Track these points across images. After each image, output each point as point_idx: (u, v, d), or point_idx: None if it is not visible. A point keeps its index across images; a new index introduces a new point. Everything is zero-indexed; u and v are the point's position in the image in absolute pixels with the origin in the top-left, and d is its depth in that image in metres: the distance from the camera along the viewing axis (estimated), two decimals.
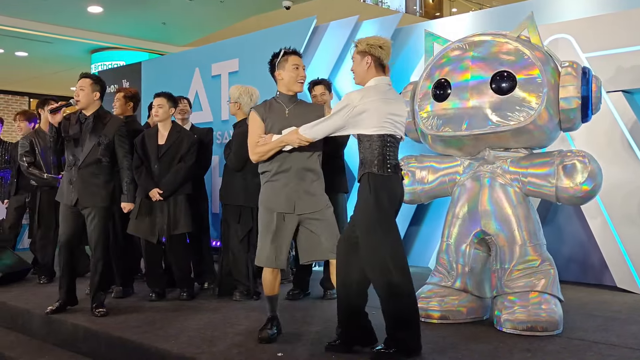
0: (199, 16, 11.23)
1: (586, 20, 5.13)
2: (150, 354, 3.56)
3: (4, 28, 11.08)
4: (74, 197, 4.35)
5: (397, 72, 6.47)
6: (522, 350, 3.28)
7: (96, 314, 4.30)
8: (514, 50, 3.84)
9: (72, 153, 4.39)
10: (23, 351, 4.24)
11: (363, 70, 3.28)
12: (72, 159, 4.38)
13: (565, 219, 5.34)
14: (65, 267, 4.43)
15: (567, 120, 3.87)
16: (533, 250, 3.77)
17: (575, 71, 3.84)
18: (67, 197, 4.40)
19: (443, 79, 3.97)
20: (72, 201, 4.36)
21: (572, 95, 3.79)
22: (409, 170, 4.22)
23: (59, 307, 4.41)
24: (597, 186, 3.75)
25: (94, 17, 10.94)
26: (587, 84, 3.83)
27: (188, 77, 7.97)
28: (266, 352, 3.34)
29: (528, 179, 3.83)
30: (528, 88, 3.75)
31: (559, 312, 3.64)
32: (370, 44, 3.25)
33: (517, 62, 3.80)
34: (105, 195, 4.41)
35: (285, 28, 7.27)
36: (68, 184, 4.39)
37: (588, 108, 3.86)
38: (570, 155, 3.79)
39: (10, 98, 16.73)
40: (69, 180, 4.39)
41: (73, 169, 4.38)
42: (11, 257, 6.04)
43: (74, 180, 4.36)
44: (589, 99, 3.84)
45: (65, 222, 4.43)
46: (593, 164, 3.73)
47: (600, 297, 4.72)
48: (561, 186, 3.74)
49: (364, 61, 3.26)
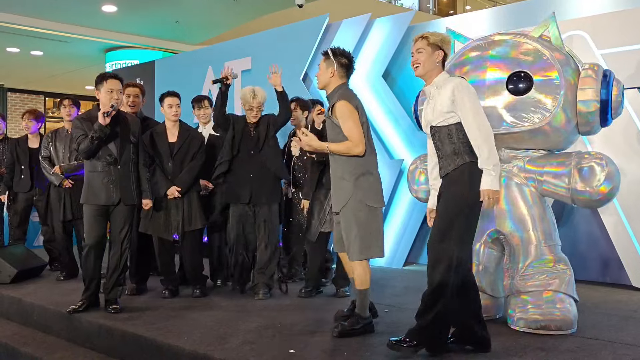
0: (212, 15, 11.27)
1: (601, 17, 5.08)
2: (164, 350, 3.58)
3: (20, 27, 11.18)
4: (115, 197, 4.32)
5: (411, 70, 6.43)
6: (536, 349, 3.25)
7: (110, 311, 4.31)
8: (533, 51, 3.80)
9: (108, 153, 4.32)
10: (37, 347, 4.28)
11: (433, 63, 3.24)
12: (109, 158, 4.32)
13: (581, 218, 5.29)
14: (95, 271, 4.41)
15: (586, 123, 3.82)
16: (548, 251, 3.72)
17: (595, 74, 3.78)
18: (106, 197, 4.32)
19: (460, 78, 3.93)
20: (113, 201, 4.32)
21: (590, 98, 3.74)
22: (424, 169, 4.19)
23: (82, 308, 4.37)
24: (614, 189, 3.67)
25: (108, 16, 11.01)
26: (608, 87, 3.76)
27: (201, 76, 8.01)
28: (278, 349, 3.34)
29: (544, 177, 3.78)
30: (545, 89, 3.71)
31: (574, 312, 3.61)
32: (442, 39, 3.25)
33: (535, 63, 3.76)
34: (137, 193, 4.47)
35: (298, 26, 7.28)
36: (107, 183, 4.32)
37: (608, 112, 3.79)
38: (588, 157, 3.72)
39: (26, 97, 16.88)
40: (107, 180, 4.32)
41: (111, 167, 4.33)
42: (25, 254, 6.10)
43: (113, 179, 4.32)
44: (608, 103, 3.76)
45: (95, 224, 4.35)
46: (611, 166, 3.66)
47: (615, 296, 4.67)
48: (577, 188, 3.67)
49: (435, 55, 3.24)
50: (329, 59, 3.71)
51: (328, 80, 3.72)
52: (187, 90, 5.14)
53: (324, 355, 3.23)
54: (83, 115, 4.50)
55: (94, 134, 4.21)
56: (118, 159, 4.34)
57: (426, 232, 6.33)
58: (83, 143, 4.28)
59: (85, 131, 4.30)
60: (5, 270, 5.66)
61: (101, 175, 4.32)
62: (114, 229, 4.40)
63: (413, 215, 6.27)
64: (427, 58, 3.24)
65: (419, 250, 6.39)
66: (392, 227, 6.37)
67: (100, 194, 4.31)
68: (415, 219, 6.26)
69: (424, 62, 3.25)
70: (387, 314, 4.13)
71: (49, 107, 17.57)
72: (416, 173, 4.28)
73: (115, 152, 4.34)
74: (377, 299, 4.62)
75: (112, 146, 4.33)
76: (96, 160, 4.34)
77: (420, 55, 3.25)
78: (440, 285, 3.09)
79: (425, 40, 3.24)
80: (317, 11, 8.37)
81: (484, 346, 3.22)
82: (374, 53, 6.55)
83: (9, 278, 5.64)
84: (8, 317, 5.13)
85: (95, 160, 4.34)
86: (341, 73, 3.73)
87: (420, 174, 4.24)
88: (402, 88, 6.45)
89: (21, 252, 6.07)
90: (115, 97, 4.30)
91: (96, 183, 4.33)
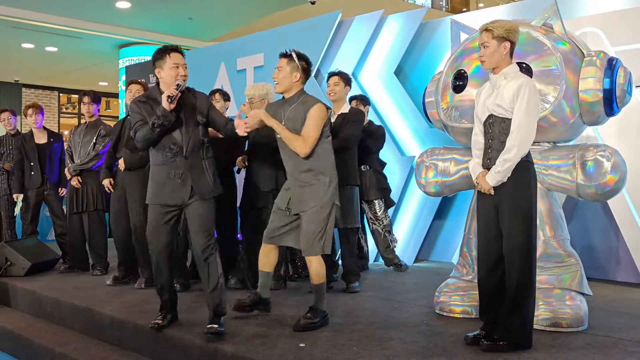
0: (225, 11, 11.30)
1: (615, 14, 5.04)
2: (175, 343, 3.61)
3: (35, 23, 11.28)
4: (185, 194, 3.58)
5: (423, 67, 6.45)
6: (546, 345, 3.24)
7: (210, 333, 3.48)
8: (534, 40, 3.74)
9: (173, 141, 3.57)
10: (51, 339, 4.33)
11: (500, 55, 3.17)
12: (174, 147, 3.56)
13: (592, 215, 5.26)
14: (168, 281, 3.80)
15: (589, 113, 3.74)
16: (558, 245, 3.69)
17: (600, 61, 3.68)
18: (175, 195, 3.58)
19: (462, 70, 3.92)
20: (183, 199, 3.58)
21: (592, 87, 3.65)
22: (432, 162, 4.18)
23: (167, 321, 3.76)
24: (621, 180, 3.58)
25: (122, 12, 11.09)
26: (613, 75, 3.66)
27: (214, 72, 8.04)
28: (288, 343, 3.36)
29: (549, 171, 3.73)
30: (545, 80, 3.64)
31: (584, 309, 3.59)
32: (508, 29, 3.15)
33: (534, 52, 3.69)
34: (216, 183, 3.72)
35: (310, 22, 7.29)
36: (173, 179, 3.57)
37: (613, 101, 3.70)
38: (592, 150, 3.63)
39: (40, 92, 17.02)
40: (172, 175, 3.57)
41: (177, 159, 3.57)
42: (39, 247, 6.17)
43: (180, 173, 3.56)
44: (613, 92, 3.67)
45: (161, 228, 3.63)
46: (616, 157, 3.58)
47: (627, 294, 4.64)
48: (582, 183, 3.61)
49: (502, 47, 3.16)
50: (294, 62, 3.67)
51: (291, 84, 3.68)
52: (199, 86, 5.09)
53: (334, 349, 3.25)
54: (141, 97, 3.76)
55: (156, 120, 3.48)
56: (185, 147, 3.58)
57: (436, 230, 6.36)
58: (141, 130, 3.57)
59: (144, 116, 3.58)
60: (19, 263, 5.74)
61: (166, 169, 3.59)
62: (191, 233, 3.66)
63: (423, 212, 6.26)
64: (493, 52, 3.17)
65: (429, 248, 6.39)
66: (403, 224, 6.37)
67: (167, 191, 3.59)
68: (425, 217, 6.25)
69: (489, 56, 3.19)
70: (397, 310, 4.13)
71: (62, 102, 17.71)
72: (422, 168, 4.22)
73: (180, 139, 3.58)
74: (387, 295, 4.64)
75: (176, 133, 3.57)
76: (157, 150, 3.62)
77: (486, 50, 3.19)
78: (524, 284, 3.15)
79: (490, 33, 3.16)
80: (330, 8, 8.37)
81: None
82: (386, 50, 6.55)
83: (23, 271, 5.71)
84: (22, 309, 5.20)
85: (157, 151, 3.62)
86: (303, 78, 3.72)
87: (427, 170, 4.19)
88: (414, 85, 6.44)
89: (34, 245, 6.15)
90: (182, 74, 3.63)
91: (161, 179, 3.61)
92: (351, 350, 3.22)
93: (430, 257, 6.39)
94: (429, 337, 3.45)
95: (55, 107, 17.29)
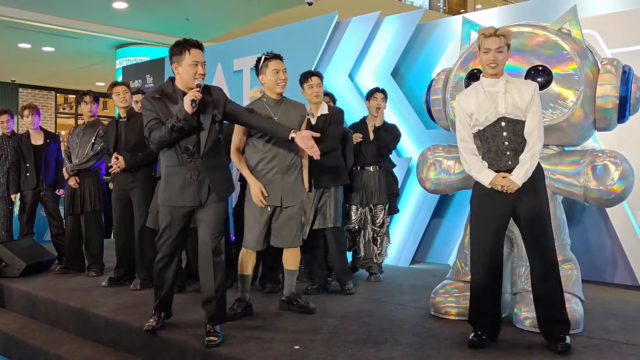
0: (222, 12, 11.30)
1: (611, 16, 5.04)
2: (169, 344, 3.60)
3: (32, 23, 11.26)
4: (203, 195, 3.43)
5: (420, 68, 6.44)
6: (542, 348, 3.24)
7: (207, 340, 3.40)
8: (553, 44, 3.75)
9: (189, 143, 3.38)
10: (45, 340, 4.31)
11: (506, 60, 3.29)
12: (191, 148, 3.38)
13: (589, 218, 5.26)
14: (172, 282, 3.70)
15: (603, 119, 3.78)
16: (559, 250, 3.68)
17: (615, 69, 3.72)
18: (192, 197, 3.42)
19: (476, 70, 3.90)
20: (201, 200, 3.43)
21: (609, 94, 3.69)
22: (435, 160, 4.18)
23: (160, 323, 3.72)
24: (628, 188, 3.63)
25: (118, 12, 11.07)
26: (627, 83, 3.71)
27: (210, 72, 8.00)
28: (283, 345, 3.35)
29: (557, 176, 3.75)
30: (565, 84, 3.66)
31: (580, 311, 3.59)
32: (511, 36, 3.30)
33: (554, 56, 3.71)
34: (229, 184, 3.59)
35: (307, 24, 7.29)
36: (189, 179, 3.40)
37: (626, 109, 3.75)
38: (602, 155, 3.67)
39: (37, 93, 17.00)
40: (189, 177, 3.40)
41: (194, 159, 3.40)
42: (34, 248, 6.15)
43: (197, 174, 3.40)
44: (627, 99, 3.72)
45: (176, 229, 3.51)
46: (625, 164, 3.62)
47: (622, 297, 4.64)
48: (590, 187, 3.63)
49: (510, 52, 3.30)
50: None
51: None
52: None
53: (329, 351, 3.24)
54: (154, 93, 3.46)
55: (176, 123, 3.26)
56: (202, 148, 3.40)
57: (433, 232, 6.35)
58: (157, 131, 3.34)
59: (159, 115, 3.37)
60: (14, 264, 5.72)
61: (182, 171, 3.42)
62: (203, 234, 3.48)
63: (420, 214, 6.26)
64: (505, 57, 3.26)
65: (425, 249, 6.38)
66: (400, 226, 6.36)
67: (183, 193, 3.42)
68: (422, 218, 6.25)
69: (502, 61, 3.25)
70: (393, 312, 4.12)
71: (59, 102, 17.68)
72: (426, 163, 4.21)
73: (197, 140, 3.39)
74: (383, 297, 4.63)
75: (193, 134, 3.39)
76: (172, 151, 3.42)
77: (500, 55, 3.23)
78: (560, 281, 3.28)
79: (504, 39, 3.23)
80: (327, 9, 8.37)
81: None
82: (383, 51, 6.55)
83: (18, 272, 5.69)
84: (17, 310, 5.18)
85: (171, 152, 3.42)
86: None
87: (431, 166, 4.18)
88: (411, 86, 6.44)
89: (30, 246, 6.12)
90: (200, 72, 3.40)
91: (176, 181, 3.42)
92: (346, 353, 3.21)
93: (426, 258, 6.38)
94: (425, 339, 3.45)
95: (52, 107, 17.27)
